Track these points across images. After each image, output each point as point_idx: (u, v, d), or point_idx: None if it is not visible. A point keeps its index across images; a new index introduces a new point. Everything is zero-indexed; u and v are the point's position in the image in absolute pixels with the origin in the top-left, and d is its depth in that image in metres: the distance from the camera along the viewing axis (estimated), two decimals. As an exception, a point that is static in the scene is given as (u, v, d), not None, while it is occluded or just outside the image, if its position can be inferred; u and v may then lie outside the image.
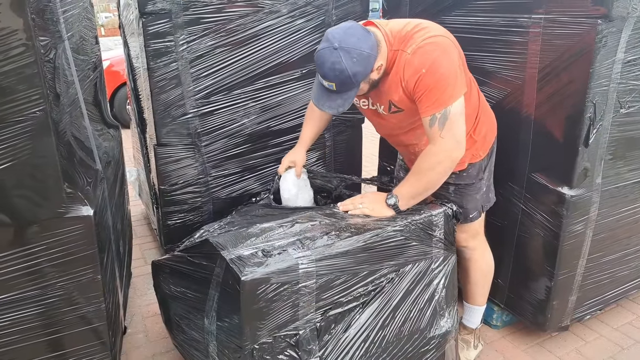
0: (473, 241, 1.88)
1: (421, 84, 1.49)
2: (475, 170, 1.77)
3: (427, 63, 1.47)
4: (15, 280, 1.36)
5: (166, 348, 2.06)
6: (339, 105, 1.53)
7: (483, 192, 1.82)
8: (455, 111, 1.50)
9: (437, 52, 1.48)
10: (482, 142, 1.77)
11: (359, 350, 1.50)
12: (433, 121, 1.50)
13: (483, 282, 1.95)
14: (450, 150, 1.53)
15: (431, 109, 1.50)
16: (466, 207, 1.79)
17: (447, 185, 1.74)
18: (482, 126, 1.75)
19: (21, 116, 1.19)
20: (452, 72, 1.49)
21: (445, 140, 1.51)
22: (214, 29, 2.00)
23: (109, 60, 5.59)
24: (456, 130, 1.52)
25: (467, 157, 1.72)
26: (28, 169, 1.24)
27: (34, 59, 1.16)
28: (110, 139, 2.02)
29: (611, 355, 2.04)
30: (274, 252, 1.37)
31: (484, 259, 1.93)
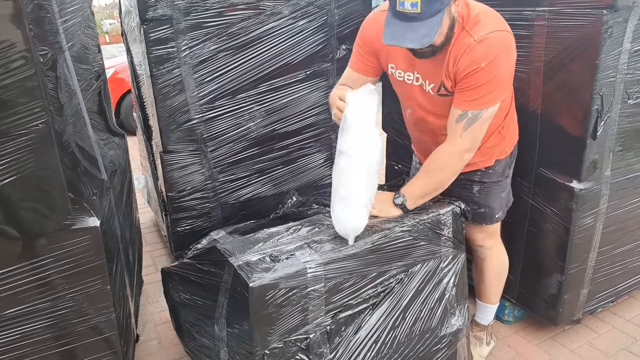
0: (490, 241, 1.84)
1: (474, 77, 1.39)
2: (501, 168, 1.73)
3: (489, 57, 1.37)
4: (25, 293, 1.36)
5: (179, 355, 2.07)
6: (423, 35, 1.27)
7: (507, 191, 1.78)
8: (486, 116, 1.45)
9: (502, 49, 1.40)
10: (509, 140, 1.73)
11: (370, 351, 1.49)
12: (462, 117, 1.44)
13: (497, 281, 1.92)
14: (464, 152, 1.50)
15: (468, 104, 1.43)
16: (492, 207, 1.74)
17: (471, 184, 1.72)
18: (510, 123, 1.70)
19: (23, 129, 1.19)
20: (507, 74, 1.43)
21: (463, 141, 1.47)
22: (215, 33, 2.00)
23: (114, 68, 5.61)
24: (478, 134, 1.48)
25: (495, 154, 1.69)
26: (33, 182, 1.25)
27: (34, 71, 1.16)
28: (116, 148, 2.03)
29: (624, 347, 2.02)
30: (281, 257, 1.37)
31: (500, 259, 1.90)
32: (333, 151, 2.41)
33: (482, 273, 1.90)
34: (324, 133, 2.35)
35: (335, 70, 2.25)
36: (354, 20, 2.22)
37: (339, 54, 2.24)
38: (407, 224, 1.52)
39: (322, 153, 2.38)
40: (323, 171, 2.42)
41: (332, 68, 2.25)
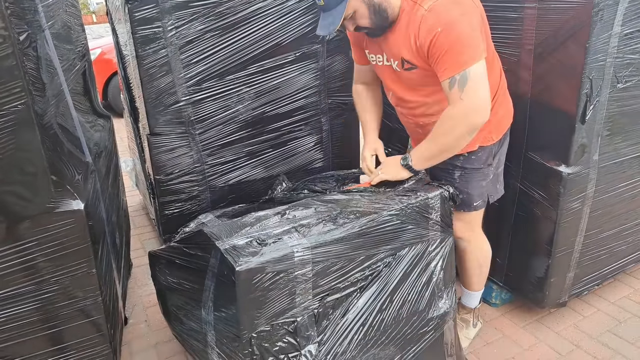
0: (468, 232, 1.82)
1: (437, 44, 1.40)
2: (485, 155, 1.70)
3: (442, 22, 1.38)
4: (10, 277, 1.35)
5: (168, 337, 2.07)
6: (329, 24, 1.46)
7: (489, 180, 1.75)
8: (476, 72, 1.40)
9: (455, 11, 1.39)
10: (497, 125, 1.69)
11: (357, 334, 1.50)
12: (452, 83, 1.41)
13: (478, 272, 1.92)
14: (470, 114, 1.44)
15: (449, 71, 1.41)
16: (471, 194, 1.73)
17: (453, 169, 1.71)
18: (499, 107, 1.66)
19: (3, 110, 1.16)
20: (470, 34, 1.39)
21: (465, 103, 1.41)
22: (202, 12, 1.95)
23: (101, 48, 5.52)
24: (479, 92, 1.42)
25: (479, 139, 1.65)
26: (14, 164, 1.22)
27: (11, 50, 1.13)
28: (101, 130, 1.99)
29: (609, 329, 2.06)
30: (268, 241, 1.36)
31: (480, 251, 1.89)
32: (323, 134, 2.39)
33: (464, 263, 1.90)
34: (314, 116, 2.33)
35: (326, 52, 2.22)
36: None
37: (329, 35, 2.20)
38: (395, 207, 1.52)
39: (312, 136, 2.37)
40: (313, 155, 2.40)
41: (322, 50, 2.21)
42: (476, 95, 1.41)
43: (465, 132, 1.47)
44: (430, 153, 1.57)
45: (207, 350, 1.51)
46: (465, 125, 1.46)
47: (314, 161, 2.42)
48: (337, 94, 2.35)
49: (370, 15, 1.49)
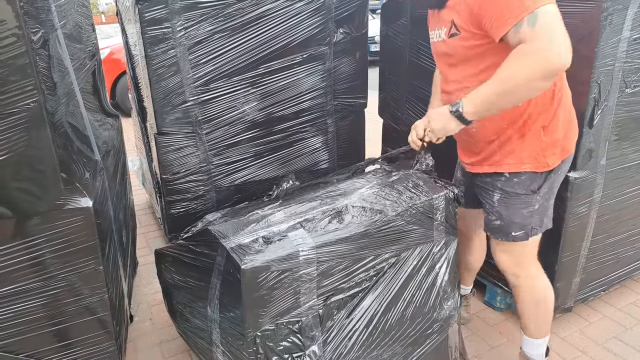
0: (517, 268, 1.61)
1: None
2: (529, 180, 1.48)
3: None
4: (18, 272, 1.36)
5: (172, 336, 2.08)
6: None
7: (534, 210, 1.52)
8: (548, 11, 1.18)
9: None
10: (553, 147, 1.44)
11: (361, 335, 1.50)
12: (518, 28, 1.20)
13: (533, 316, 1.68)
14: (548, 49, 1.18)
15: (515, 15, 1.20)
16: (509, 221, 1.54)
17: (493, 190, 1.55)
18: (558, 123, 1.42)
19: (15, 108, 1.18)
20: None
21: (540, 37, 1.18)
22: (211, 14, 1.97)
23: (110, 48, 5.56)
24: (555, 29, 1.18)
25: (530, 159, 1.45)
26: (25, 161, 1.24)
27: (25, 49, 1.14)
28: (110, 128, 2.01)
29: (615, 335, 2.04)
30: (274, 239, 1.37)
31: (535, 288, 1.65)
32: (329, 136, 2.40)
33: (518, 304, 1.69)
34: (320, 117, 2.33)
35: (332, 54, 2.23)
36: (351, 4, 2.20)
37: (336, 37, 2.21)
38: (400, 208, 1.52)
39: (318, 138, 2.37)
40: (318, 156, 2.41)
41: (329, 52, 2.22)
42: (552, 31, 1.17)
43: (539, 71, 1.20)
44: (489, 92, 1.28)
45: (212, 348, 1.52)
46: (541, 61, 1.19)
47: (319, 162, 2.43)
48: (344, 95, 2.36)
49: None
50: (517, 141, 1.45)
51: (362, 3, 2.22)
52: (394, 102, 2.44)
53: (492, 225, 1.59)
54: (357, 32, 2.26)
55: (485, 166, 1.55)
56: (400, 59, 2.33)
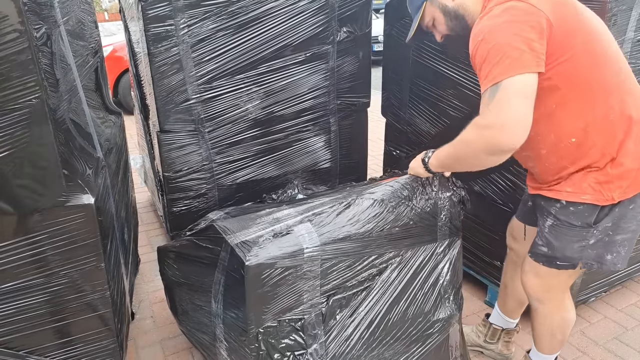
0: (544, 295, 1.53)
1: (477, 53, 1.27)
2: (588, 212, 1.35)
3: (485, 30, 1.26)
4: (20, 269, 1.36)
5: (174, 333, 2.08)
6: (411, 29, 1.52)
7: (587, 245, 1.39)
8: (509, 87, 1.19)
9: (501, 19, 1.24)
10: (621, 180, 1.32)
11: (363, 334, 1.50)
12: (484, 95, 1.25)
13: (549, 337, 1.62)
14: (492, 128, 1.22)
15: (485, 82, 1.25)
16: (557, 250, 1.43)
17: (547, 215, 1.44)
18: (631, 155, 1.31)
19: (17, 104, 1.18)
20: (513, 43, 1.20)
21: (490, 114, 1.22)
22: (215, 11, 1.97)
23: (112, 46, 5.56)
24: (506, 109, 1.20)
25: (591, 190, 1.33)
26: (26, 158, 1.24)
27: (27, 45, 1.14)
28: (112, 126, 2.01)
29: (615, 336, 2.04)
30: (279, 237, 1.37)
31: (556, 317, 1.57)
32: (331, 135, 2.40)
33: (533, 323, 1.62)
34: (322, 116, 2.33)
35: (336, 53, 2.23)
36: (354, 3, 2.19)
37: (339, 36, 2.21)
38: (404, 208, 1.52)
39: (321, 137, 2.37)
40: (321, 155, 2.41)
41: (332, 51, 2.22)
42: (504, 109, 1.20)
43: (483, 148, 1.26)
44: (445, 155, 1.42)
45: (215, 344, 1.52)
46: (484, 140, 1.24)
47: (321, 161, 2.42)
48: (347, 94, 2.35)
49: (447, 22, 1.46)
50: (580, 172, 1.36)
51: (365, 2, 2.22)
52: (397, 102, 2.44)
53: (538, 249, 1.48)
54: (361, 32, 2.26)
55: (544, 190, 1.45)
56: (404, 59, 2.32)
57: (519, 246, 1.73)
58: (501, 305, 1.88)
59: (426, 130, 2.29)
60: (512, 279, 1.79)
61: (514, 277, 1.77)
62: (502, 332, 1.88)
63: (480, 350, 1.95)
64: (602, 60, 1.28)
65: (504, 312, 1.87)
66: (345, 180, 2.51)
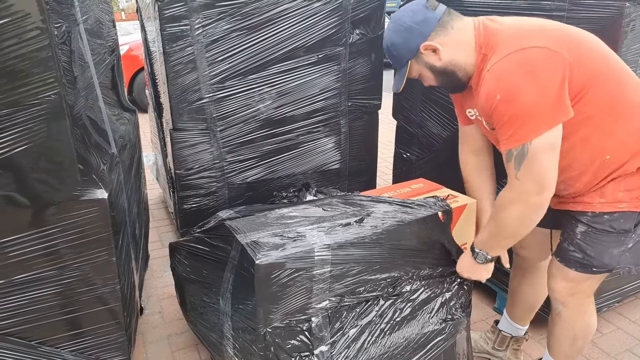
0: (568, 297, 1.48)
1: (496, 112, 1.23)
2: (624, 219, 1.34)
3: (502, 88, 1.20)
4: (33, 261, 1.39)
5: (181, 329, 2.11)
6: (396, 81, 1.46)
7: (627, 249, 1.37)
8: (538, 148, 1.19)
9: (518, 73, 1.18)
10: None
11: (370, 338, 1.49)
12: (509, 157, 1.24)
13: (570, 344, 1.57)
14: (527, 195, 1.24)
15: (506, 142, 1.23)
16: (592, 257, 1.38)
17: (576, 223, 1.40)
18: None
19: (36, 99, 1.20)
20: (538, 99, 1.17)
21: (521, 183, 1.23)
22: (229, 12, 1.99)
23: (128, 45, 5.62)
24: (538, 170, 1.21)
25: (628, 197, 1.32)
26: (43, 152, 1.26)
27: (48, 42, 1.17)
28: (127, 123, 2.04)
29: (628, 348, 2.01)
30: (290, 238, 1.38)
31: (580, 322, 1.53)
32: (341, 136, 2.41)
33: (553, 327, 1.58)
34: (333, 118, 2.34)
35: (348, 54, 2.24)
36: (368, 5, 2.20)
37: (352, 38, 2.22)
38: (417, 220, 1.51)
39: (331, 138, 2.38)
40: (330, 156, 2.42)
41: (344, 52, 2.23)
42: (534, 175, 1.22)
43: (529, 214, 1.27)
44: (495, 241, 1.40)
45: (222, 341, 1.53)
46: (528, 206, 1.26)
47: (331, 163, 2.43)
48: (358, 96, 2.36)
49: (436, 78, 1.42)
50: (611, 183, 1.33)
51: (378, 4, 2.23)
52: (409, 104, 2.44)
53: (569, 255, 1.42)
54: (373, 34, 2.27)
55: (570, 204, 1.41)
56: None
57: (525, 252, 1.71)
58: (509, 312, 1.87)
59: (437, 133, 2.29)
60: (520, 285, 1.78)
61: (522, 282, 1.76)
62: (510, 340, 1.87)
63: (489, 357, 1.93)
64: (617, 77, 1.27)
65: (512, 319, 1.86)
66: (355, 182, 2.52)
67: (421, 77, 1.44)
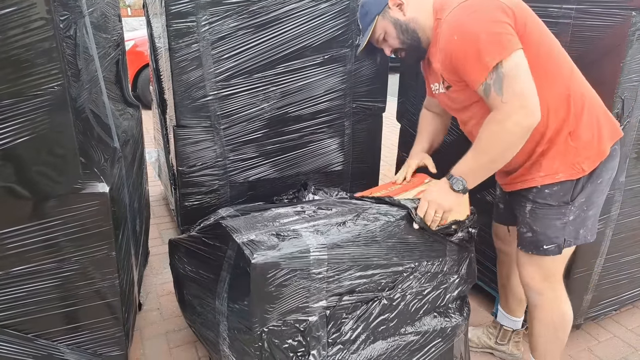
0: (541, 283, 1.53)
1: (456, 53, 1.30)
2: (563, 191, 1.42)
3: (454, 28, 1.30)
4: (32, 253, 1.38)
5: (179, 326, 2.10)
6: (362, 43, 1.53)
7: (568, 222, 1.45)
8: (510, 66, 1.24)
9: (466, 12, 1.29)
10: (583, 153, 1.39)
11: (367, 339, 1.49)
12: (487, 90, 1.28)
13: (552, 337, 1.60)
14: (517, 114, 1.26)
15: (478, 75, 1.28)
16: (539, 233, 1.47)
17: (525, 202, 1.49)
18: (583, 129, 1.38)
19: (39, 90, 1.20)
20: (487, 29, 1.25)
21: (509, 104, 1.25)
22: (236, 10, 1.99)
23: (134, 41, 5.63)
24: (520, 86, 1.24)
25: (563, 167, 1.40)
26: (45, 144, 1.26)
27: (52, 33, 1.16)
28: (130, 118, 2.04)
29: (624, 357, 2.00)
30: (286, 237, 1.37)
31: (556, 310, 1.58)
32: (345, 138, 2.40)
33: (532, 323, 1.62)
34: (337, 119, 2.34)
35: (354, 56, 2.23)
36: (376, 7, 2.20)
37: (358, 40, 2.22)
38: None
39: (334, 139, 2.38)
40: (333, 157, 2.42)
41: (350, 54, 2.23)
42: (519, 92, 1.25)
43: (518, 137, 1.30)
44: (478, 164, 1.38)
45: (218, 340, 1.52)
46: (514, 129, 1.28)
47: (334, 164, 2.43)
48: (363, 98, 2.36)
49: (399, 35, 1.47)
50: (547, 154, 1.42)
51: (386, 7, 2.22)
52: (413, 108, 2.43)
53: (523, 238, 1.52)
54: (380, 36, 2.26)
55: (518, 183, 1.50)
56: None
57: (505, 247, 1.81)
58: (504, 306, 1.93)
59: (441, 138, 2.28)
60: (508, 278, 1.85)
61: (509, 275, 1.83)
62: (512, 333, 1.92)
63: (491, 351, 1.98)
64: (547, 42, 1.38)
65: (507, 311, 1.92)
66: (357, 184, 2.51)
67: (386, 35, 1.50)
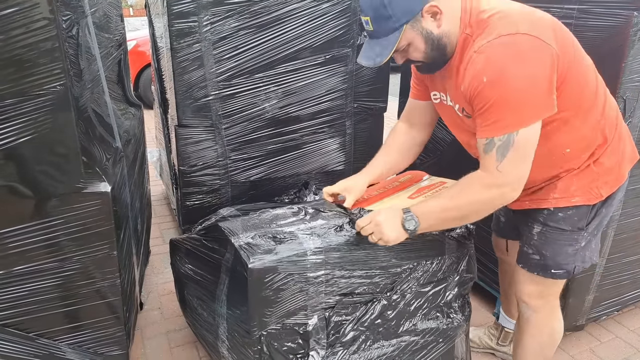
0: (537, 300, 1.47)
1: (481, 95, 1.13)
2: (578, 216, 1.32)
3: (491, 70, 1.10)
4: (34, 252, 1.39)
5: (180, 326, 2.10)
6: (376, 55, 1.18)
7: (580, 248, 1.36)
8: (524, 139, 1.13)
9: (509, 56, 1.10)
10: (607, 175, 1.31)
11: (367, 340, 1.49)
12: (490, 147, 1.15)
13: (538, 353, 1.55)
14: (507, 187, 1.18)
15: (490, 130, 1.14)
16: (547, 257, 1.38)
17: (532, 223, 1.39)
18: (612, 153, 1.30)
19: (42, 90, 1.20)
20: (528, 88, 1.10)
21: (503, 175, 1.16)
22: (238, 10, 1.99)
23: (136, 40, 5.64)
24: (521, 166, 1.16)
25: (580, 191, 1.30)
26: (47, 143, 1.26)
27: (55, 33, 1.17)
28: (132, 118, 2.04)
29: (626, 357, 2.00)
30: (284, 240, 1.37)
31: (546, 328, 1.52)
32: (346, 138, 2.40)
33: (521, 337, 1.55)
34: (338, 119, 2.34)
35: (355, 56, 2.23)
36: (378, 7, 2.20)
37: (359, 40, 2.22)
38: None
39: (335, 139, 2.38)
40: (335, 157, 2.42)
41: (351, 54, 2.23)
42: (516, 170, 1.17)
43: (495, 205, 1.24)
44: (443, 216, 1.26)
45: (217, 342, 1.53)
46: (502, 200, 1.21)
47: (335, 164, 2.43)
48: (364, 98, 2.36)
49: (426, 49, 1.22)
50: (565, 177, 1.32)
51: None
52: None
53: (528, 258, 1.42)
54: (381, 36, 2.26)
55: (527, 202, 1.38)
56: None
57: (508, 257, 1.75)
58: (506, 310, 1.92)
59: (441, 137, 2.28)
60: (510, 286, 1.80)
61: (512, 283, 1.76)
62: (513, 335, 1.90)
63: (492, 352, 1.98)
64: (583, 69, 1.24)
65: (509, 316, 1.91)
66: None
67: (409, 47, 1.22)
